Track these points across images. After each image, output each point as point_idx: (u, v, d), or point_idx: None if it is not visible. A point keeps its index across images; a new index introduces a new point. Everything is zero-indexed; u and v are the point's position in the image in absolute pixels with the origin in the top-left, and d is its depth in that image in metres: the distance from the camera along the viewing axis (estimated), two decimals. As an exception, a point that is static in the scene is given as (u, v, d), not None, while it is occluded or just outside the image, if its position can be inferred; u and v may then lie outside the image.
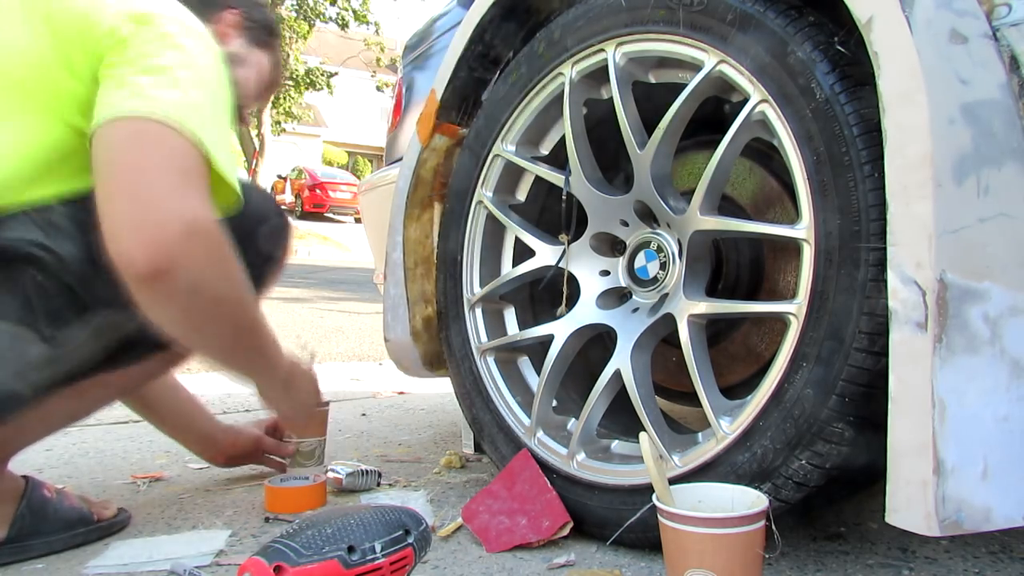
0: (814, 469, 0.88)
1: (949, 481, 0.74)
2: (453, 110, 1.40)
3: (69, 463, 1.60)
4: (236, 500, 1.34)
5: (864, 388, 0.84)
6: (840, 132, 0.85)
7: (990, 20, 0.81)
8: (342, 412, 2.25)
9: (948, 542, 1.07)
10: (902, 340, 0.76)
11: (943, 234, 0.75)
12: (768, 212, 1.26)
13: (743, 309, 1.08)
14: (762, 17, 0.93)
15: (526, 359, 1.32)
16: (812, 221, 0.89)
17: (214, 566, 1.02)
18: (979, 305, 0.76)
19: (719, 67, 0.98)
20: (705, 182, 1.00)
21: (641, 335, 1.10)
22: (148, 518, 1.24)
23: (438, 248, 1.39)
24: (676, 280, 1.11)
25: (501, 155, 1.29)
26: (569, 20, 1.17)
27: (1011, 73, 0.80)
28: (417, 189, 1.43)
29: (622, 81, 1.11)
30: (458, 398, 1.35)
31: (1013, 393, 0.76)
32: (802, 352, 0.88)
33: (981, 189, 0.76)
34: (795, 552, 1.04)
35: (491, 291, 1.31)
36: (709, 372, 1.03)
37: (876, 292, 0.82)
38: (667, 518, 0.77)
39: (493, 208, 1.30)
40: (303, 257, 14.13)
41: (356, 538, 0.73)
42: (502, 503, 1.13)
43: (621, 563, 1.02)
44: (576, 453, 1.13)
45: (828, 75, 0.87)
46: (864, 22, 0.81)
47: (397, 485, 1.42)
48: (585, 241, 1.24)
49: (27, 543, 1.06)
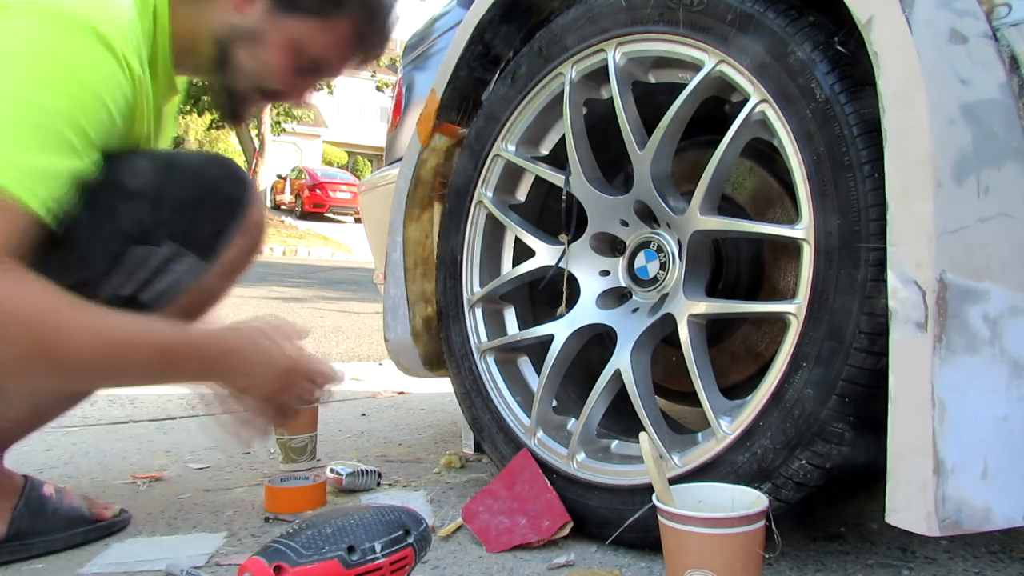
0: (814, 469, 0.88)
1: (949, 481, 0.74)
2: (453, 110, 1.40)
3: (69, 463, 1.60)
4: (236, 500, 1.34)
5: (864, 388, 0.84)
6: (840, 132, 0.85)
7: (990, 20, 0.81)
8: (342, 412, 2.25)
9: (948, 542, 1.07)
10: (902, 340, 0.76)
11: (943, 234, 0.75)
12: (768, 212, 1.26)
13: (743, 309, 1.08)
14: (762, 17, 0.93)
15: (526, 359, 1.32)
16: (812, 221, 0.89)
17: (214, 566, 1.02)
18: (979, 305, 0.76)
19: (719, 67, 0.98)
20: (705, 182, 1.00)
21: (641, 335, 1.10)
22: (148, 518, 1.24)
23: (438, 248, 1.39)
24: (676, 280, 1.11)
25: (501, 155, 1.29)
26: (569, 20, 1.17)
27: (1011, 73, 0.80)
28: (417, 189, 1.43)
29: (622, 81, 1.11)
30: (458, 398, 1.35)
31: (1013, 393, 0.76)
32: (802, 352, 0.88)
33: (981, 189, 0.76)
34: (795, 552, 1.04)
35: (491, 291, 1.31)
36: (709, 372, 1.03)
37: (876, 292, 0.82)
38: (667, 518, 0.77)
39: (493, 208, 1.30)
40: (303, 257, 14.14)
41: (356, 538, 0.73)
42: (502, 503, 1.13)
43: (621, 563, 1.02)
44: (576, 453, 1.13)
45: (828, 75, 0.87)
46: (864, 22, 0.81)
47: (397, 485, 1.42)
48: (585, 241, 1.24)
49: (26, 541, 1.06)
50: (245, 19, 1.03)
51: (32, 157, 0.82)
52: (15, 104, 0.82)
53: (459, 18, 1.40)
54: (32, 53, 0.83)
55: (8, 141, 0.81)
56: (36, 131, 0.82)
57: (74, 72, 0.85)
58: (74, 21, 0.86)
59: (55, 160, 0.84)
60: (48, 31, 0.84)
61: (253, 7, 1.03)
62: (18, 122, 0.81)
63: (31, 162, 0.81)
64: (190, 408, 2.31)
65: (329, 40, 1.07)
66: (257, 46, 1.05)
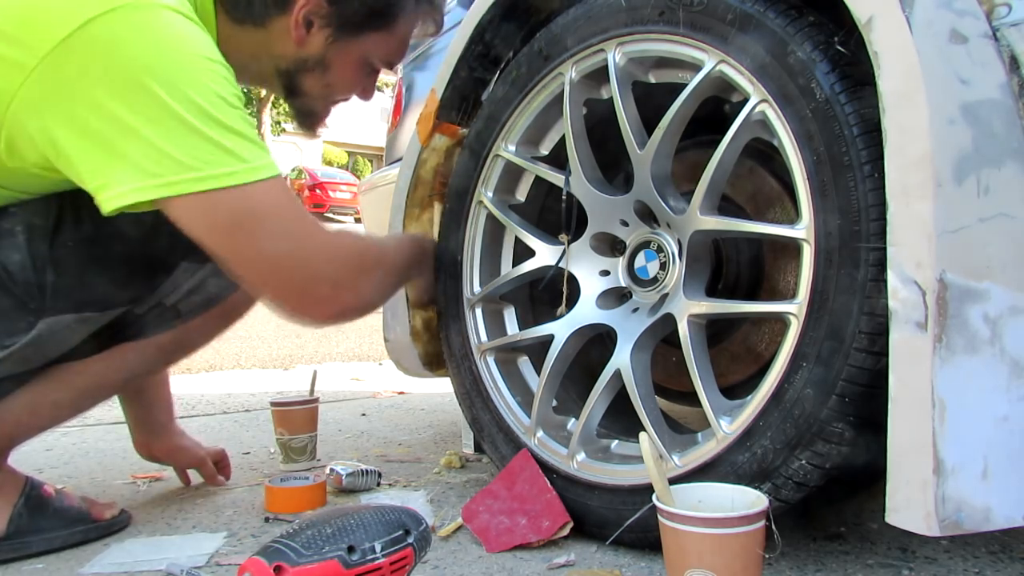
0: (814, 469, 0.88)
1: (949, 481, 0.74)
2: (453, 110, 1.40)
3: (69, 463, 1.60)
4: (236, 500, 1.34)
5: (864, 388, 0.84)
6: (840, 132, 0.85)
7: (990, 20, 0.81)
8: (342, 412, 2.25)
9: (948, 542, 1.07)
10: (902, 340, 0.76)
11: (943, 234, 0.75)
12: (768, 212, 1.26)
13: (743, 309, 1.08)
14: (762, 17, 0.93)
15: (526, 359, 1.32)
16: (812, 221, 0.88)
17: (214, 566, 1.02)
18: (979, 305, 0.76)
19: (719, 67, 0.98)
20: (705, 182, 1.00)
21: (641, 335, 1.10)
22: (148, 518, 1.24)
23: (438, 248, 1.39)
24: (676, 280, 1.11)
25: (501, 155, 1.29)
26: (569, 20, 1.17)
27: (1011, 73, 0.79)
28: (417, 189, 1.43)
29: (622, 81, 1.11)
30: (458, 398, 1.35)
31: (1013, 393, 0.76)
32: (802, 352, 0.88)
33: (981, 189, 0.76)
34: (795, 552, 1.04)
35: (491, 291, 1.31)
36: (709, 372, 1.03)
37: (876, 292, 0.82)
38: (667, 518, 0.77)
39: (493, 208, 1.30)
40: (303, 257, 14.09)
41: (356, 538, 0.73)
42: (502, 503, 1.13)
43: (621, 563, 1.02)
44: (576, 453, 1.13)
45: (828, 75, 0.87)
46: (864, 22, 0.81)
47: (397, 485, 1.42)
48: (585, 241, 1.24)
49: (25, 540, 1.06)
50: (308, 50, 1.03)
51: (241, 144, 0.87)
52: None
53: (459, 18, 1.40)
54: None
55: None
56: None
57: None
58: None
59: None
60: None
61: (315, 38, 1.03)
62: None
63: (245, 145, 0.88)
64: (189, 408, 2.32)
65: (393, 44, 1.09)
66: (324, 72, 1.06)
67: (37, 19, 0.81)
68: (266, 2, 0.99)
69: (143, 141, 0.81)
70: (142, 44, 0.82)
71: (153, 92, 0.81)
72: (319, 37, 1.02)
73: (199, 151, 0.82)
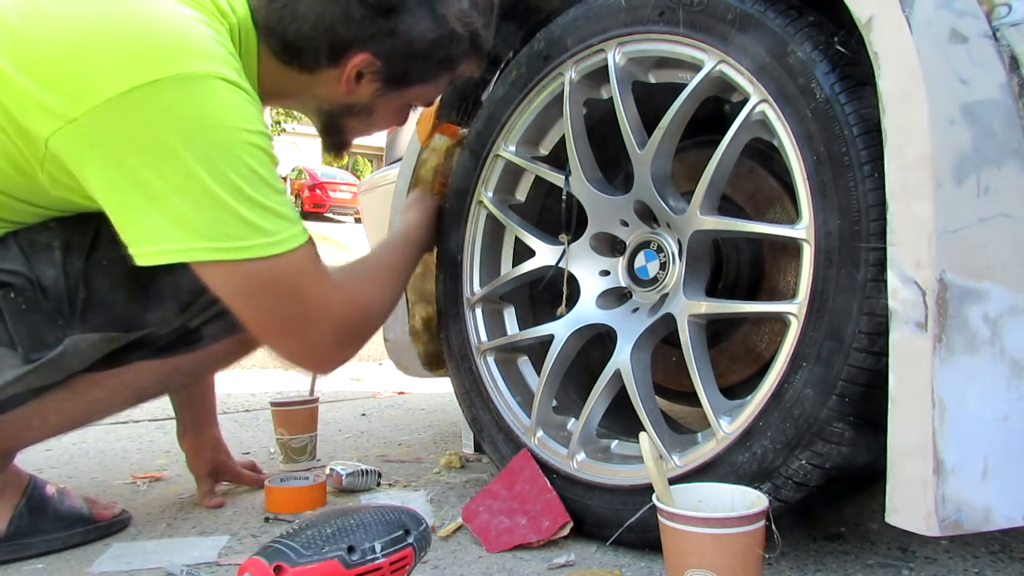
0: (814, 469, 0.88)
1: (949, 481, 0.74)
2: (453, 110, 1.40)
3: (69, 463, 1.61)
4: (236, 500, 1.34)
5: (864, 388, 0.84)
6: (840, 132, 0.85)
7: (990, 20, 0.81)
8: (342, 412, 2.25)
9: (948, 542, 1.07)
10: (902, 340, 0.76)
11: (943, 234, 0.75)
12: (768, 212, 1.26)
13: (743, 309, 1.08)
14: (762, 17, 0.93)
15: (526, 359, 1.32)
16: (812, 221, 0.88)
17: (214, 566, 1.02)
18: (979, 305, 0.76)
19: (719, 67, 0.98)
20: (705, 182, 1.00)
21: (641, 335, 1.10)
22: (148, 518, 1.24)
23: (438, 248, 1.39)
24: (676, 280, 1.11)
25: (501, 155, 1.29)
26: (569, 20, 1.17)
27: (1011, 73, 0.79)
28: (417, 189, 1.43)
29: (622, 81, 1.11)
30: (458, 398, 1.35)
31: (1013, 393, 0.76)
32: (802, 352, 0.88)
33: (981, 189, 0.76)
34: (795, 552, 1.04)
35: (491, 291, 1.31)
36: (709, 372, 1.03)
37: (876, 292, 0.82)
38: (667, 518, 0.77)
39: (493, 208, 1.30)
40: (303, 257, 14.08)
41: (356, 538, 0.73)
42: (502, 503, 1.13)
43: (621, 563, 1.02)
44: (576, 453, 1.13)
45: (828, 75, 0.87)
46: (864, 22, 0.81)
47: (397, 485, 1.42)
48: (585, 241, 1.24)
49: (25, 540, 1.06)
50: (355, 98, 1.07)
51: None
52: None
53: (459, 18, 1.39)
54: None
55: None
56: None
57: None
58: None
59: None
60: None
61: (364, 89, 1.05)
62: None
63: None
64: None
65: (434, 91, 1.14)
66: (368, 116, 1.11)
67: (85, 75, 0.84)
68: (318, 54, 1.00)
69: (170, 208, 0.85)
70: (181, 118, 0.85)
71: (187, 164, 0.85)
72: (368, 88, 1.06)
73: (222, 224, 0.87)
